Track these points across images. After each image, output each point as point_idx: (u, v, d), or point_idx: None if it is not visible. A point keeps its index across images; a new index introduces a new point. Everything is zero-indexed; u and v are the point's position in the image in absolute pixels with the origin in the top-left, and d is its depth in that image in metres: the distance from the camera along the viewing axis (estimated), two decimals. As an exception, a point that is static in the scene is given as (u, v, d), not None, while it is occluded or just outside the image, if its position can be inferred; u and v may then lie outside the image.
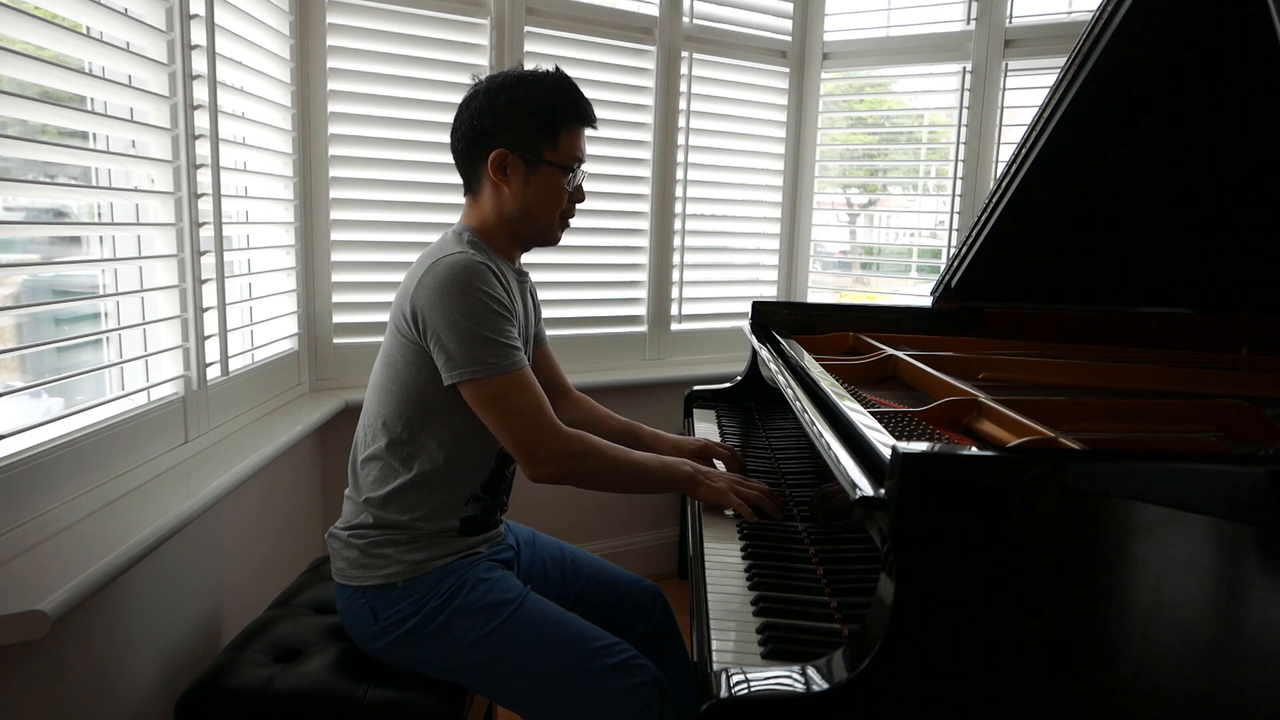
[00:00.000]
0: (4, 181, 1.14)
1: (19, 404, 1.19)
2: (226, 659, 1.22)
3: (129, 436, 1.34)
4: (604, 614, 1.39)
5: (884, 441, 0.91)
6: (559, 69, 1.32)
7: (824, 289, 2.97)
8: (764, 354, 1.64)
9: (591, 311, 2.61)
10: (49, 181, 1.28)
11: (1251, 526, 0.80)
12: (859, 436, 0.96)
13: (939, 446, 0.89)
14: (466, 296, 1.17)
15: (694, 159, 2.71)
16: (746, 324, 1.95)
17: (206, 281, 1.55)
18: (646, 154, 2.61)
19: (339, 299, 2.16)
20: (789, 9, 2.79)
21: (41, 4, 1.20)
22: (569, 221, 1.38)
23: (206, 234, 1.55)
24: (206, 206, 1.55)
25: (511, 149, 1.28)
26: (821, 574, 1.11)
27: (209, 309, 1.56)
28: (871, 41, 2.80)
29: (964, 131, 2.65)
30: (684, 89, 2.64)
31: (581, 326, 2.59)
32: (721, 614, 1.02)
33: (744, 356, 2.01)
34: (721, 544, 1.23)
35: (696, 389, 2.02)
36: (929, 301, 1.98)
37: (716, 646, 0.95)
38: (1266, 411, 1.09)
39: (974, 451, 0.85)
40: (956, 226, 2.69)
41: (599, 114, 1.36)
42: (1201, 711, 0.81)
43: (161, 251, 1.46)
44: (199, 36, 1.51)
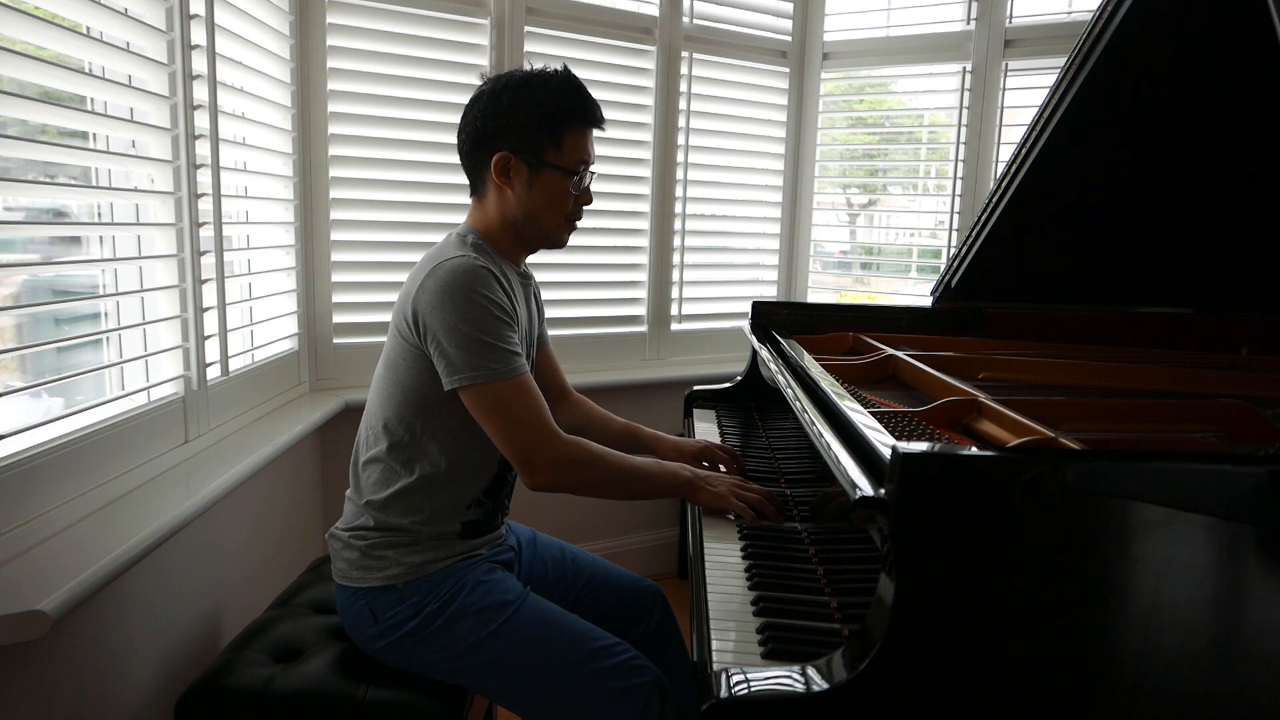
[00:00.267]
0: (4, 181, 1.14)
1: (19, 404, 1.19)
2: (226, 659, 1.22)
3: (129, 436, 1.34)
4: (604, 614, 1.39)
5: (884, 441, 0.91)
6: (566, 68, 1.30)
7: (824, 289, 2.97)
8: (764, 354, 1.63)
9: (591, 311, 2.61)
10: (49, 181, 1.28)
11: (1251, 526, 0.80)
12: (859, 436, 0.96)
13: (939, 446, 0.89)
14: (467, 301, 1.16)
15: (694, 159, 2.71)
16: (746, 324, 1.95)
17: (206, 281, 1.55)
18: (646, 154, 2.61)
19: (339, 299, 2.16)
20: (789, 9, 2.79)
21: (41, 4, 1.20)
22: (576, 224, 1.36)
23: (206, 234, 1.55)
24: (206, 206, 1.55)
25: (514, 152, 1.26)
26: (821, 574, 1.11)
27: (209, 309, 1.56)
28: (871, 41, 2.80)
29: (964, 131, 2.65)
30: (684, 89, 2.64)
31: (581, 326, 2.59)
32: (721, 614, 1.02)
33: (744, 356, 2.01)
34: (721, 544, 1.23)
35: (696, 389, 2.02)
36: (929, 301, 1.98)
37: (716, 646, 0.95)
38: (1266, 411, 1.09)
39: (974, 451, 0.85)
40: (956, 226, 2.69)
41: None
42: (1201, 711, 0.81)
43: (161, 251, 1.46)
44: (199, 36, 1.51)
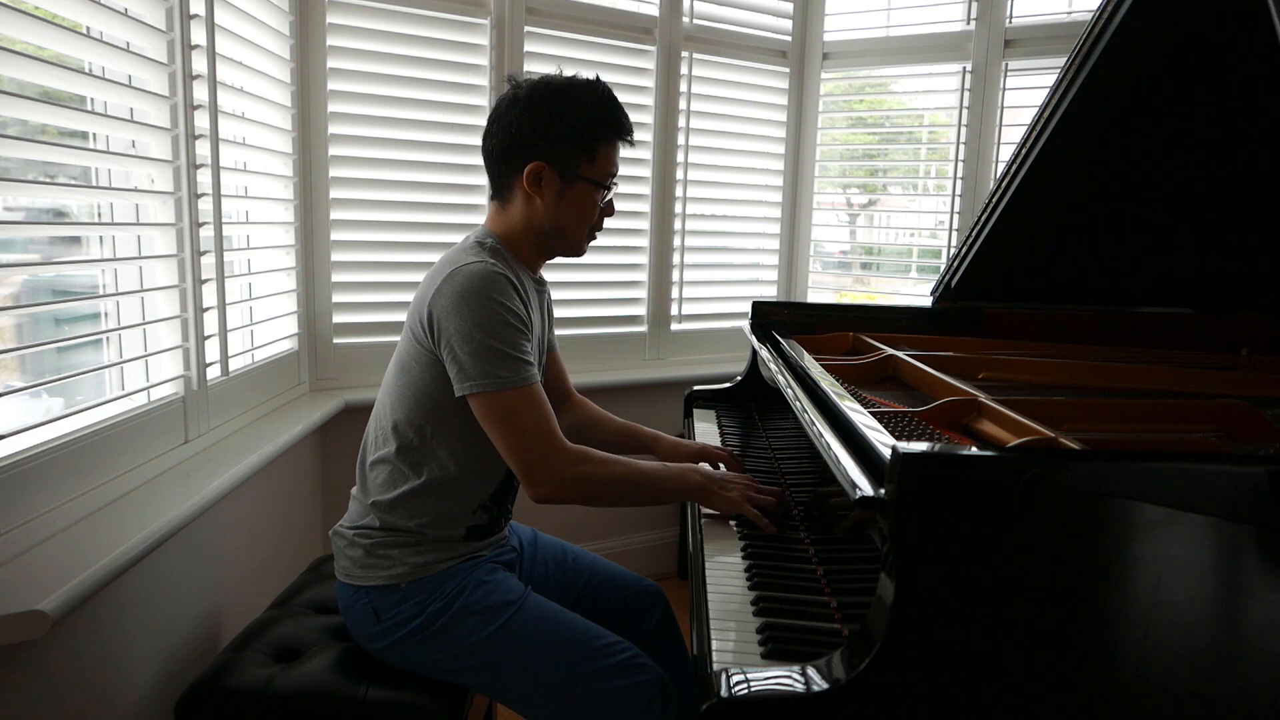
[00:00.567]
0: (4, 181, 1.14)
1: (19, 404, 1.19)
2: (226, 659, 1.22)
3: (129, 436, 1.34)
4: (605, 613, 1.38)
5: (884, 441, 0.91)
6: (599, 79, 1.30)
7: (824, 289, 2.97)
8: (764, 354, 1.63)
9: (591, 311, 2.61)
10: (49, 181, 1.28)
11: (1251, 526, 0.80)
12: (859, 436, 0.96)
13: (939, 446, 0.89)
14: (483, 307, 1.16)
15: (694, 159, 2.71)
16: (746, 324, 1.95)
17: (206, 281, 1.55)
18: (647, 154, 2.61)
19: (339, 299, 2.16)
20: (789, 9, 2.79)
21: (41, 4, 1.20)
22: (596, 235, 1.38)
23: (206, 234, 1.55)
24: (206, 206, 1.55)
25: (549, 162, 1.27)
26: (821, 574, 1.11)
27: (209, 309, 1.56)
28: (871, 41, 2.80)
29: (964, 131, 2.65)
30: (684, 89, 2.64)
31: (581, 326, 2.59)
32: (721, 614, 1.02)
33: (744, 356, 2.01)
34: (721, 544, 1.23)
35: (696, 389, 2.02)
36: (929, 301, 1.98)
37: (716, 646, 0.95)
38: (1266, 411, 1.09)
39: (974, 451, 0.85)
40: (956, 226, 2.69)
41: None
42: (1201, 711, 0.81)
43: (161, 251, 1.46)
44: (199, 36, 1.51)
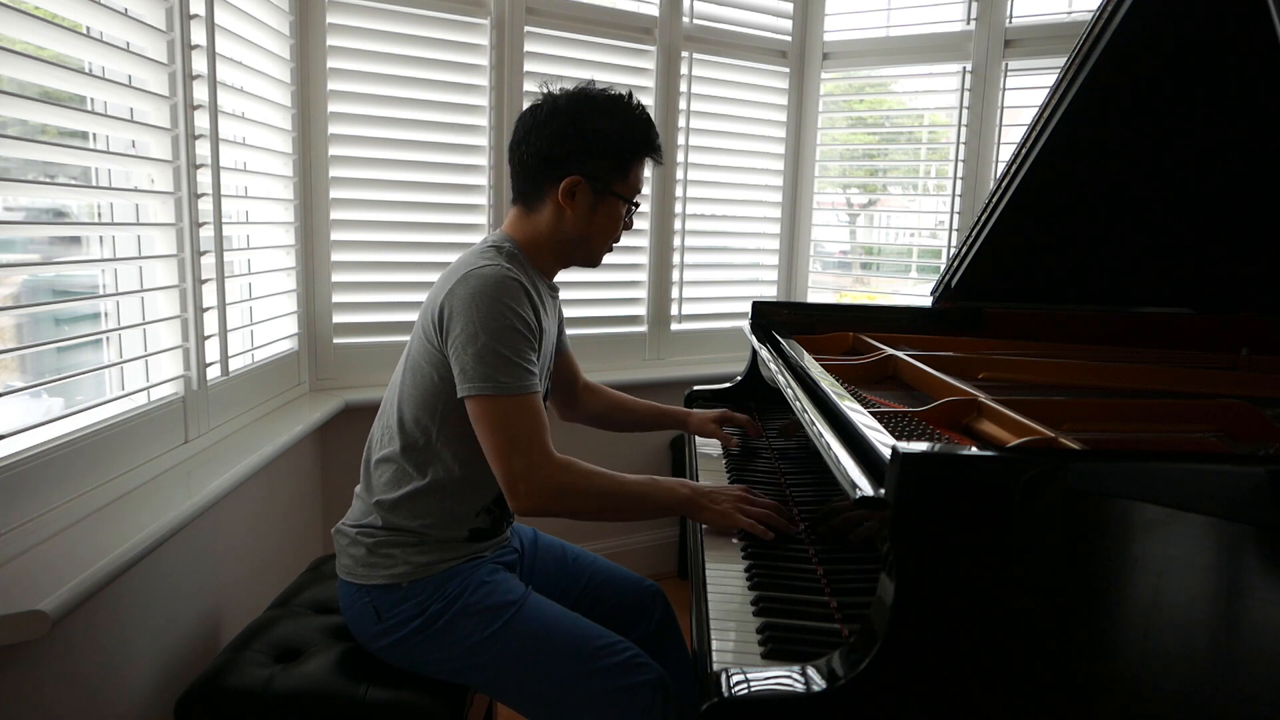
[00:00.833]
0: (4, 181, 1.14)
1: (19, 404, 1.19)
2: (226, 659, 1.22)
3: (129, 436, 1.34)
4: (605, 613, 1.38)
5: (884, 441, 0.91)
6: (633, 95, 1.32)
7: (824, 289, 2.97)
8: (764, 354, 1.63)
9: (591, 311, 2.61)
10: (49, 181, 1.28)
11: (1251, 526, 0.80)
12: (859, 436, 0.96)
13: (939, 446, 0.89)
14: (492, 311, 1.16)
15: (694, 159, 2.70)
16: (746, 324, 1.95)
17: (206, 281, 1.55)
18: (646, 154, 2.61)
19: (339, 299, 2.16)
20: (789, 9, 2.79)
21: (41, 4, 1.20)
22: (612, 247, 1.42)
23: (206, 234, 1.55)
24: (206, 206, 1.55)
25: (585, 177, 1.28)
26: (821, 574, 1.11)
27: (209, 309, 1.56)
28: (871, 41, 2.80)
29: (964, 131, 2.65)
30: (684, 89, 2.64)
31: (581, 326, 2.59)
32: (721, 614, 1.02)
33: (744, 356, 2.01)
34: (722, 545, 1.23)
35: (696, 389, 2.02)
36: (929, 301, 1.98)
37: (716, 646, 0.95)
38: (1266, 411, 1.09)
39: (974, 451, 0.85)
40: (956, 226, 2.69)
41: None
42: (1201, 711, 0.81)
43: (161, 251, 1.46)
44: (199, 36, 1.51)
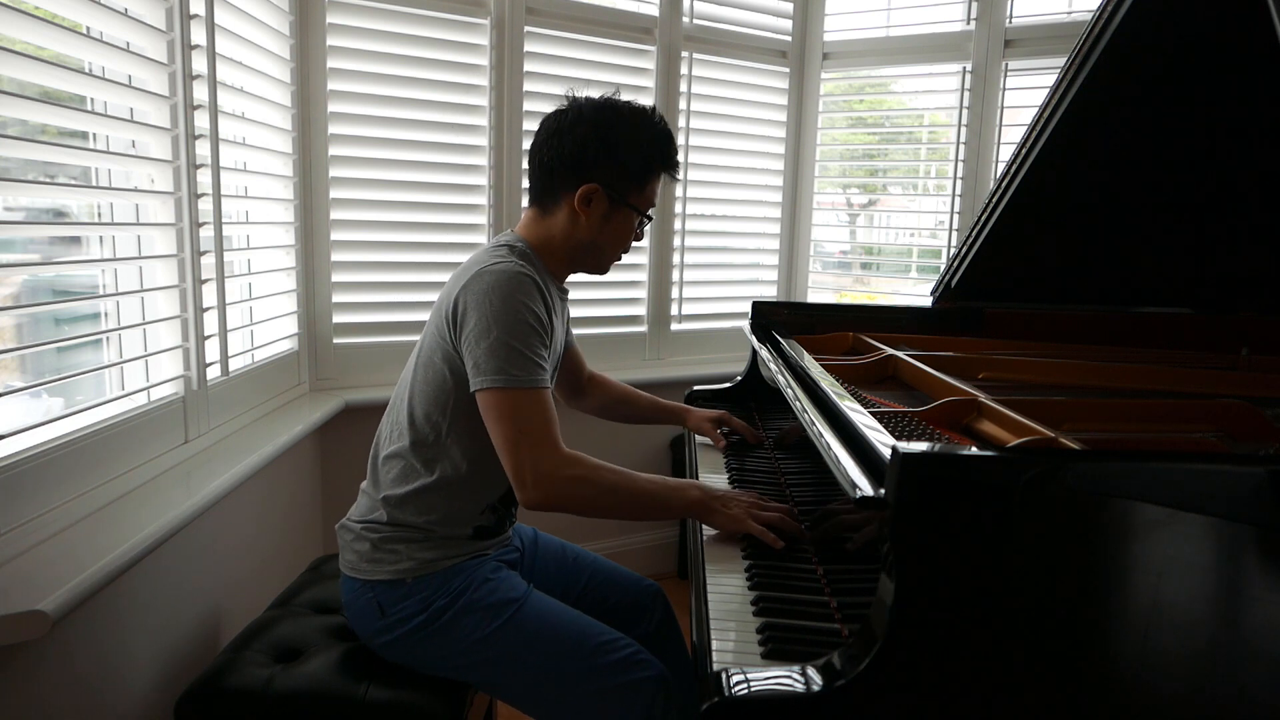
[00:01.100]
0: (4, 181, 1.14)
1: (19, 404, 1.19)
2: (226, 659, 1.22)
3: (129, 436, 1.34)
4: (605, 612, 1.38)
5: (884, 441, 0.91)
6: (656, 109, 1.34)
7: (824, 289, 2.97)
8: (764, 354, 1.63)
9: (592, 311, 2.61)
10: (49, 181, 1.28)
11: (1251, 526, 0.80)
12: (859, 436, 0.96)
13: (939, 446, 0.89)
14: (506, 306, 1.17)
15: (694, 159, 2.70)
16: (746, 324, 1.95)
17: (206, 281, 1.55)
18: (646, 154, 2.60)
19: (339, 299, 2.16)
20: (789, 9, 2.79)
21: (41, 4, 1.20)
22: (621, 257, 1.42)
23: (206, 234, 1.55)
24: (206, 206, 1.55)
25: (603, 186, 1.29)
26: (821, 574, 1.11)
27: (209, 309, 1.56)
28: (871, 41, 2.80)
29: (964, 131, 2.65)
30: (684, 89, 2.64)
31: (581, 326, 2.59)
32: (721, 614, 1.02)
33: (744, 356, 2.01)
34: (721, 544, 1.23)
35: (696, 389, 2.02)
36: (929, 301, 1.98)
37: (716, 646, 0.95)
38: (1266, 411, 1.09)
39: (974, 451, 0.85)
40: (956, 226, 2.69)
41: None
42: (1201, 711, 0.81)
43: (161, 251, 1.46)
44: (199, 36, 1.51)
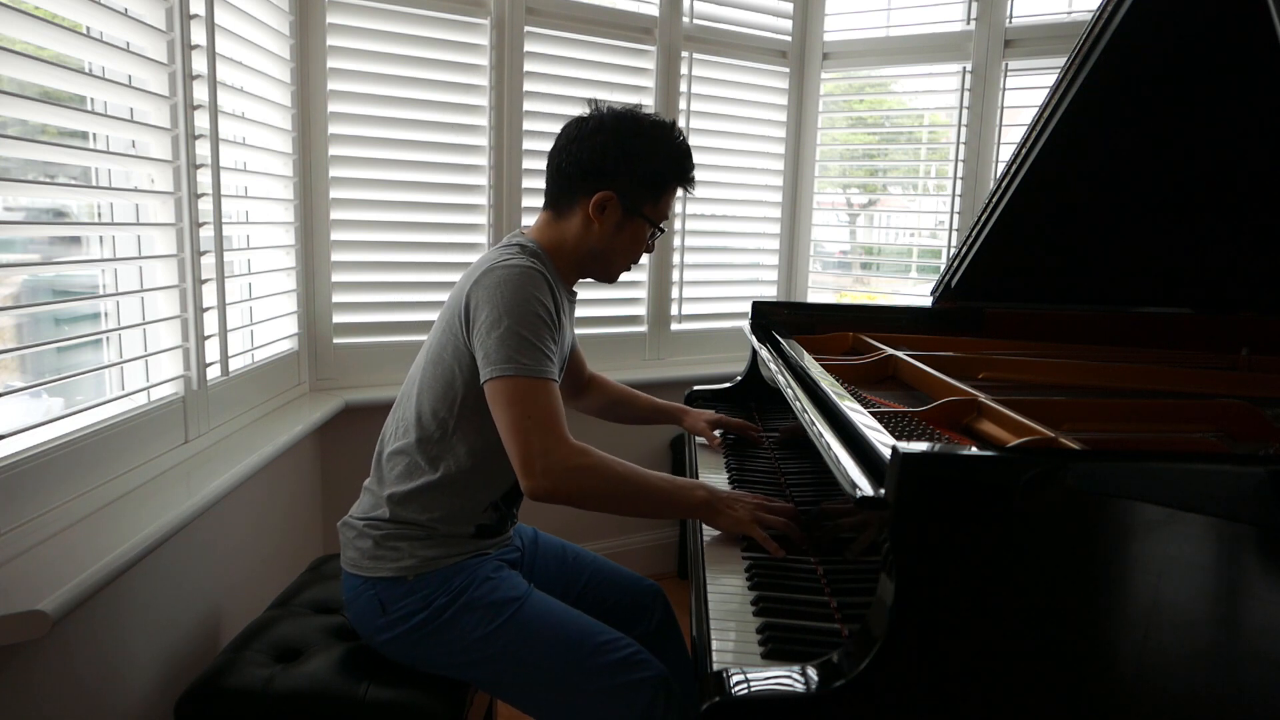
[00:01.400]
0: (4, 181, 1.14)
1: (19, 404, 1.19)
2: (226, 659, 1.22)
3: (129, 436, 1.34)
4: (605, 612, 1.38)
5: (884, 441, 0.91)
6: (676, 123, 1.35)
7: (824, 289, 2.97)
8: (764, 354, 1.63)
9: (591, 311, 2.61)
10: (49, 181, 1.28)
11: (1251, 526, 0.80)
12: (859, 436, 0.96)
13: (939, 446, 0.89)
14: (517, 298, 1.18)
15: (694, 159, 2.69)
16: (746, 324, 1.95)
17: (206, 281, 1.55)
18: (646, 154, 2.60)
19: (339, 299, 2.16)
20: (789, 9, 2.79)
21: (41, 4, 1.20)
22: (630, 268, 1.42)
23: (206, 234, 1.55)
24: (206, 206, 1.55)
25: (618, 195, 1.30)
26: (821, 574, 1.11)
27: (209, 309, 1.56)
28: (871, 41, 2.80)
29: (964, 131, 2.65)
30: (684, 89, 2.64)
31: (582, 326, 2.58)
32: (721, 614, 1.02)
33: (744, 356, 2.01)
34: (722, 544, 1.23)
35: (696, 389, 2.02)
36: (929, 301, 1.98)
37: (716, 646, 0.95)
38: (1266, 411, 1.09)
39: (974, 451, 0.85)
40: (956, 226, 2.69)
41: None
42: (1201, 711, 0.81)
43: (161, 251, 1.46)
44: (199, 36, 1.51)
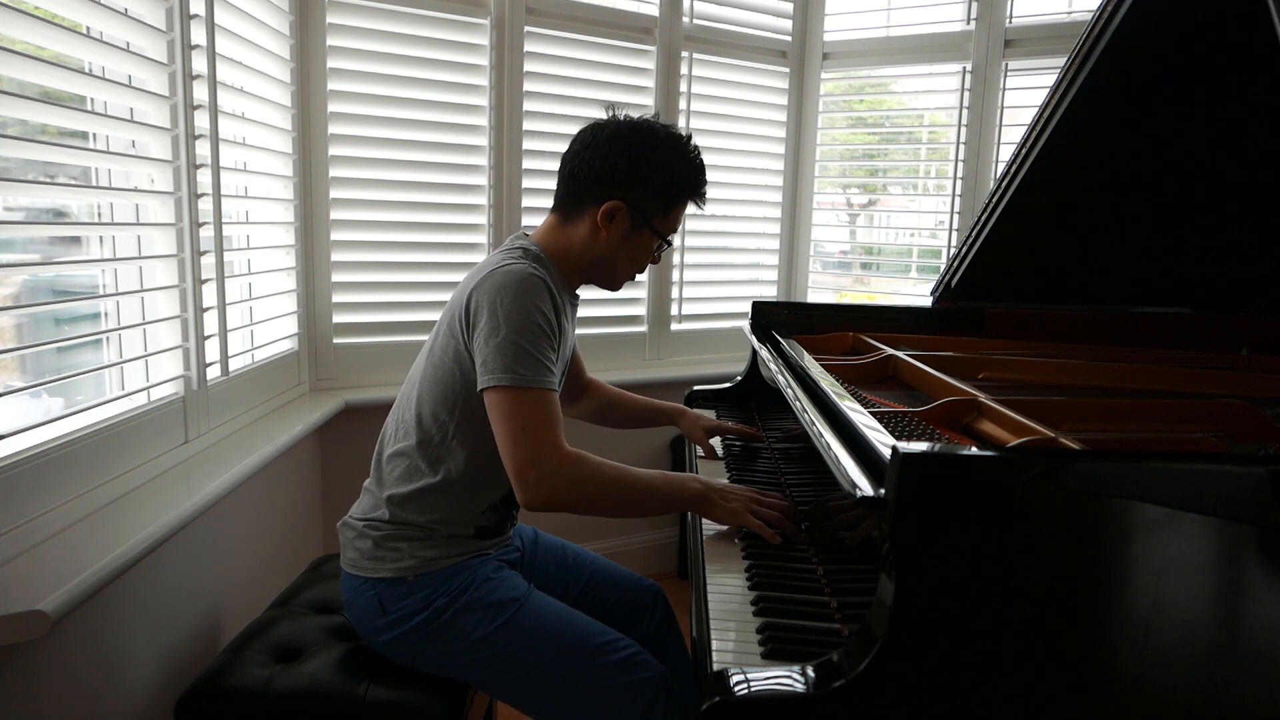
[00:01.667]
0: (4, 181, 1.14)
1: (19, 404, 1.19)
2: (226, 659, 1.22)
3: (129, 436, 1.34)
4: (605, 613, 1.38)
5: (884, 441, 0.91)
6: (692, 137, 1.35)
7: (824, 289, 2.97)
8: (764, 354, 1.63)
9: (591, 311, 2.61)
10: (49, 181, 1.28)
11: (1251, 526, 0.80)
12: (859, 436, 0.96)
13: (939, 446, 0.89)
14: (518, 306, 1.18)
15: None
16: (746, 324, 1.95)
17: (206, 281, 1.55)
18: (646, 154, 2.60)
19: (339, 299, 2.16)
20: (789, 9, 2.79)
21: (41, 4, 1.20)
22: (635, 277, 1.42)
23: (206, 234, 1.55)
24: (206, 206, 1.55)
25: (628, 205, 1.30)
26: (821, 574, 1.11)
27: (209, 309, 1.56)
28: (871, 41, 2.80)
29: (964, 131, 2.65)
30: (684, 89, 2.64)
31: (581, 326, 2.58)
32: (721, 614, 1.02)
33: (744, 356, 2.01)
34: (722, 544, 1.23)
35: (696, 389, 2.02)
36: (929, 301, 1.98)
37: (716, 646, 0.95)
38: (1266, 411, 1.09)
39: (974, 451, 0.85)
40: (956, 226, 2.69)
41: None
42: (1201, 711, 0.81)
43: (161, 251, 1.46)
44: (199, 36, 1.51)
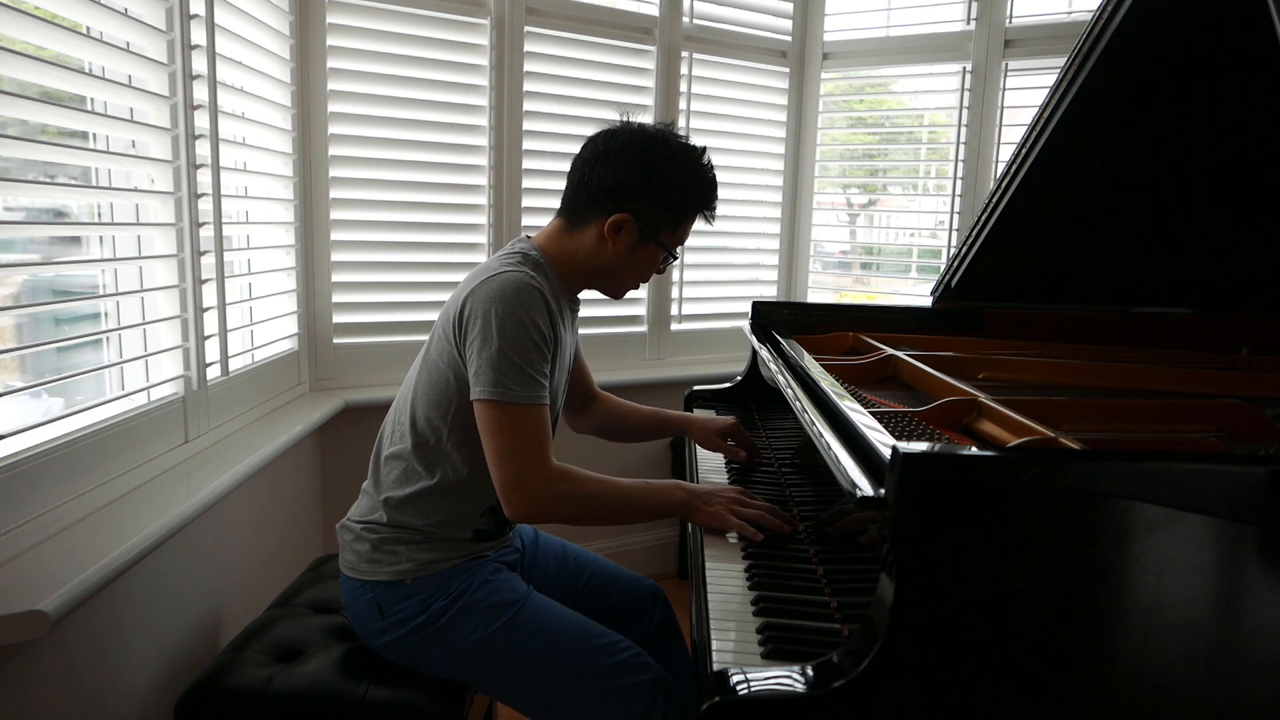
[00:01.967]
0: (4, 181, 1.14)
1: (19, 404, 1.19)
2: (226, 659, 1.22)
3: (129, 436, 1.34)
4: (605, 613, 1.38)
5: (884, 441, 0.91)
6: (706, 150, 1.33)
7: (824, 289, 2.97)
8: (764, 354, 1.63)
9: (591, 311, 2.61)
10: (49, 181, 1.28)
11: (1251, 526, 0.80)
12: (859, 436, 0.96)
13: (939, 446, 0.89)
14: (511, 318, 1.17)
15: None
16: (746, 324, 1.95)
17: (206, 281, 1.55)
18: (646, 154, 2.60)
19: (339, 299, 2.16)
20: (789, 9, 2.79)
21: (41, 4, 1.20)
22: (638, 287, 1.41)
23: (206, 234, 1.55)
24: (206, 206, 1.55)
25: (636, 218, 1.28)
26: (821, 574, 1.11)
27: (209, 309, 1.56)
28: (871, 41, 2.80)
29: (964, 131, 2.65)
30: (684, 89, 2.63)
31: (582, 327, 2.54)
32: (721, 614, 1.02)
33: (744, 356, 2.01)
34: (721, 544, 1.23)
35: (696, 389, 2.02)
36: (929, 301, 1.98)
37: (716, 646, 0.95)
38: (1266, 411, 1.09)
39: (974, 451, 0.85)
40: (956, 226, 2.69)
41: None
42: (1201, 711, 0.81)
43: (161, 251, 1.46)
44: (199, 36, 1.51)
